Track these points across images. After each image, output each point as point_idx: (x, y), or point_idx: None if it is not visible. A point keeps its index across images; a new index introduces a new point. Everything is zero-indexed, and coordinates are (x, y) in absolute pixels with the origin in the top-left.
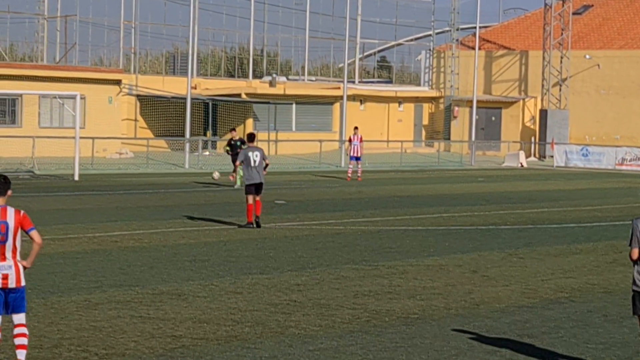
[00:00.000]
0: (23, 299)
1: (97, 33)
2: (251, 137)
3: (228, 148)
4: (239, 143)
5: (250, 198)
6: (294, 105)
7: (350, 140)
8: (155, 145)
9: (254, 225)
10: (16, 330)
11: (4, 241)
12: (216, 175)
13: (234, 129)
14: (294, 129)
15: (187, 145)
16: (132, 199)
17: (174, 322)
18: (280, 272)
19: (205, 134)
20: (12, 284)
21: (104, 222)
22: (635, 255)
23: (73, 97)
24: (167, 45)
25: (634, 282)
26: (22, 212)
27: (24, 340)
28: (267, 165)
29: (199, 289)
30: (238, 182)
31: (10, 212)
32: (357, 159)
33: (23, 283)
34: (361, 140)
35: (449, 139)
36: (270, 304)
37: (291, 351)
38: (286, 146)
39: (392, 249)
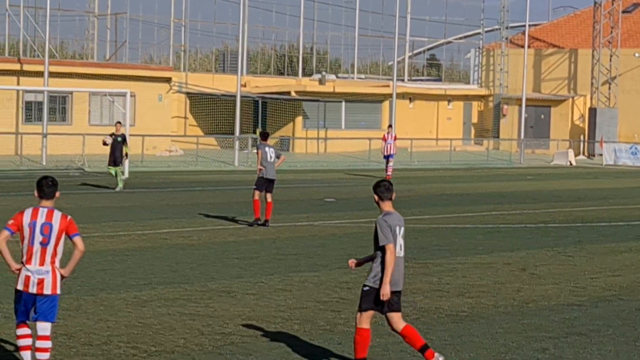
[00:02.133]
0: (54, 307)
1: (148, 31)
2: (265, 135)
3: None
4: (119, 139)
5: (257, 194)
6: (343, 103)
7: (384, 139)
8: (204, 142)
9: (261, 223)
10: (38, 344)
11: (46, 243)
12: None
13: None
14: (343, 127)
15: (237, 143)
16: (181, 196)
17: (222, 319)
18: (329, 269)
19: (254, 132)
20: (47, 290)
21: (153, 219)
22: None
23: (123, 95)
24: (217, 43)
25: None
26: (68, 217)
27: (45, 356)
28: (282, 160)
29: (247, 286)
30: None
31: (57, 215)
32: (389, 157)
33: (58, 291)
34: (395, 139)
35: (498, 137)
36: (319, 301)
37: (341, 348)
38: (335, 144)
39: (441, 246)
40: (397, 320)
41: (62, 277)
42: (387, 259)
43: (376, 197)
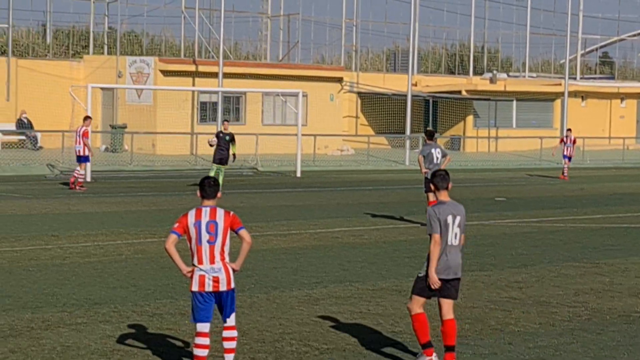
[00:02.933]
0: (233, 300)
1: (319, 31)
2: (430, 134)
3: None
4: (227, 138)
5: (431, 195)
6: (514, 102)
7: (562, 141)
8: (375, 142)
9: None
10: (225, 333)
11: (213, 241)
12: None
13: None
14: (514, 125)
15: (408, 142)
16: (352, 195)
17: (393, 318)
18: (500, 269)
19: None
20: (223, 287)
21: (324, 218)
22: None
23: (295, 95)
24: (387, 42)
25: None
26: (231, 212)
27: (232, 344)
28: (448, 161)
29: None
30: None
31: (220, 212)
32: (569, 158)
33: (233, 285)
34: (574, 142)
35: None
36: (490, 301)
37: (511, 349)
38: (506, 143)
39: (614, 246)
40: (447, 308)
41: (234, 271)
42: (431, 248)
43: (432, 187)
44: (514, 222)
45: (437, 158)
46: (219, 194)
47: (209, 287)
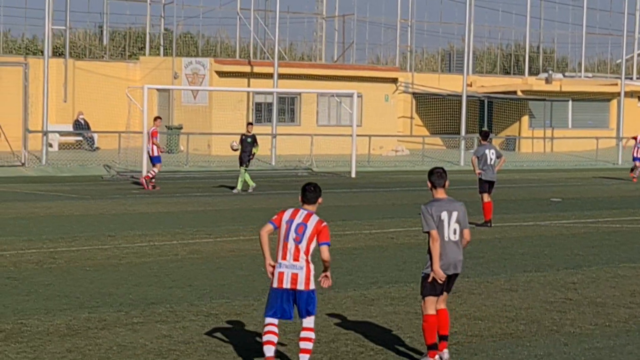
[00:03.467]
0: (313, 300)
1: (374, 32)
2: (485, 135)
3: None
4: (249, 140)
5: (486, 197)
6: (570, 102)
7: (635, 139)
8: (430, 142)
9: (490, 225)
10: (302, 334)
11: (299, 241)
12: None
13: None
14: (570, 126)
15: (463, 143)
16: (407, 196)
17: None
18: (556, 269)
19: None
20: (300, 286)
21: (379, 218)
22: None
23: (350, 96)
24: (442, 43)
25: None
26: (324, 223)
27: (308, 345)
28: (502, 162)
29: (473, 286)
30: (239, 186)
31: (314, 219)
32: (638, 159)
33: (312, 287)
34: None
35: None
36: (546, 301)
37: (566, 350)
38: (562, 143)
39: None
40: (442, 300)
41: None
42: (430, 245)
43: (429, 184)
44: (570, 223)
45: (491, 159)
46: (320, 200)
47: (286, 284)
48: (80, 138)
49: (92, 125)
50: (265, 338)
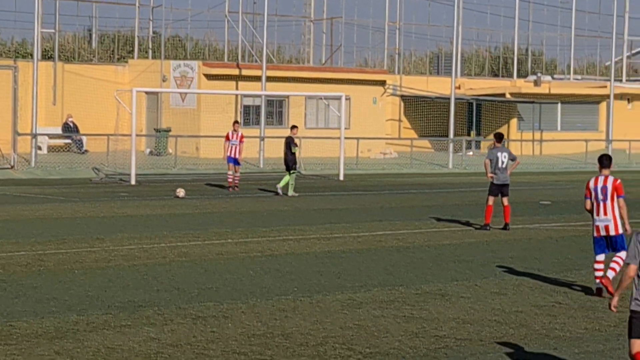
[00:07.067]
0: (623, 241)
1: (362, 34)
2: (499, 137)
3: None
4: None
5: (491, 199)
6: (559, 105)
7: None
8: (418, 145)
9: (489, 229)
10: (612, 262)
11: (604, 200)
12: (181, 193)
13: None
14: (559, 128)
15: (451, 146)
16: (395, 199)
17: (437, 322)
18: (545, 273)
19: (469, 134)
20: (612, 232)
21: (368, 221)
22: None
23: (338, 98)
24: (430, 45)
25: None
26: (618, 180)
27: (616, 266)
28: (516, 164)
29: (462, 289)
30: (291, 191)
31: (610, 179)
32: None
33: (621, 231)
34: None
35: None
36: (535, 305)
37: (556, 354)
38: (551, 146)
39: None
40: None
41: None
42: (625, 276)
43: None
44: (559, 226)
45: (503, 162)
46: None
47: (602, 232)
48: (69, 141)
49: (81, 128)
50: (596, 267)
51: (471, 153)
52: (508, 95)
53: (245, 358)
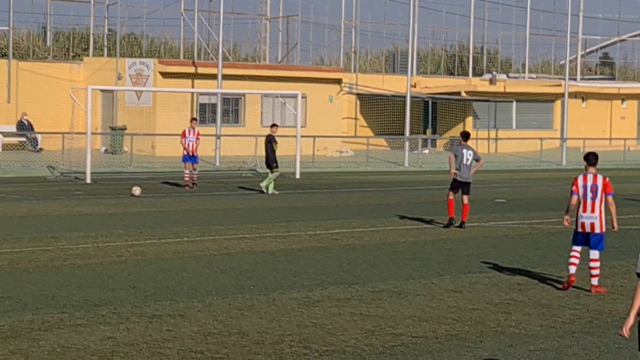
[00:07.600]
0: (601, 241)
1: (318, 33)
2: (466, 135)
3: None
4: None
5: (451, 194)
6: (514, 103)
7: None
8: (375, 143)
9: (454, 223)
10: (591, 264)
11: (594, 198)
12: (137, 192)
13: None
14: (514, 127)
15: (407, 144)
16: (352, 197)
17: (393, 320)
18: (501, 271)
19: (424, 132)
20: (596, 229)
21: (324, 219)
22: None
23: (295, 97)
24: (386, 44)
25: None
26: (607, 178)
27: (595, 272)
28: (480, 165)
29: (418, 287)
30: (271, 189)
31: (599, 178)
32: None
33: (604, 229)
34: None
35: None
36: (491, 303)
37: (512, 351)
38: (506, 144)
39: (615, 248)
40: None
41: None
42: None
43: None
44: (515, 224)
45: (467, 159)
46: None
47: (588, 228)
48: (23, 139)
49: (36, 126)
50: (572, 255)
51: (427, 151)
52: (464, 94)
53: (202, 357)
